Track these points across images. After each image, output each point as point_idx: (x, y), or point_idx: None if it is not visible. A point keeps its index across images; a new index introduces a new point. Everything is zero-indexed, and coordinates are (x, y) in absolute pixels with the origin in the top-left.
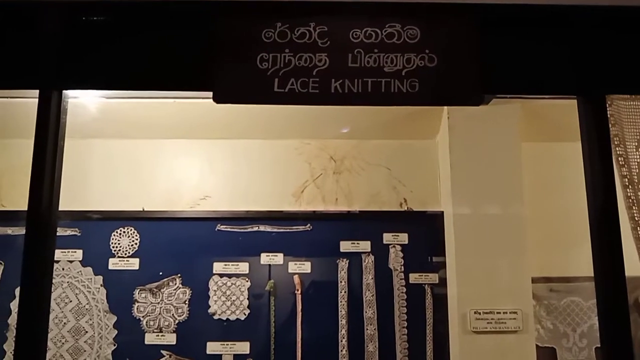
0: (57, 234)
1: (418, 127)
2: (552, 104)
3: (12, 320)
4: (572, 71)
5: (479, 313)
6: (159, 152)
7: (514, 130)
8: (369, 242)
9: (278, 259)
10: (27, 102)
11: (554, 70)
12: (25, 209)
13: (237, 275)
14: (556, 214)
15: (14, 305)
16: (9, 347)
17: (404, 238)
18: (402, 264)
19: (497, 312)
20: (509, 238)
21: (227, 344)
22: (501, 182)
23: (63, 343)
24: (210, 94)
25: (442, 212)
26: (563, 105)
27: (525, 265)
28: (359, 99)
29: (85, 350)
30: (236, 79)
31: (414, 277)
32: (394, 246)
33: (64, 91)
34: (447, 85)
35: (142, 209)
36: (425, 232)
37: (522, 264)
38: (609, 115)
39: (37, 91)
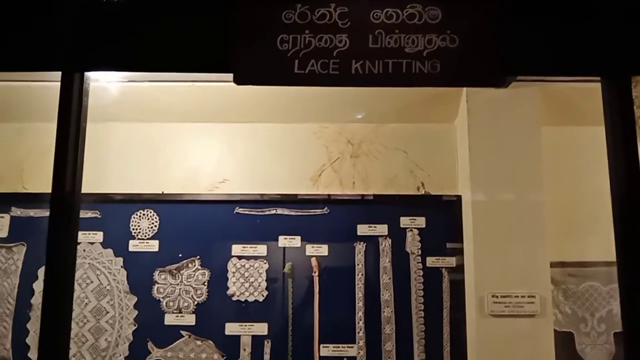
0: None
1: (436, 111)
2: (572, 88)
3: (35, 300)
4: (597, 51)
5: (497, 297)
6: (178, 136)
7: (533, 114)
8: (386, 226)
9: (295, 241)
10: (48, 85)
11: (578, 50)
12: (47, 191)
13: (255, 258)
14: (576, 199)
15: (37, 286)
16: (32, 326)
17: (421, 222)
18: (419, 247)
19: (515, 296)
20: (527, 222)
21: (246, 325)
22: (520, 166)
23: (85, 323)
24: (231, 76)
25: (460, 196)
26: (583, 89)
27: (544, 250)
28: (380, 80)
29: (106, 330)
30: (256, 61)
31: (431, 261)
32: (411, 230)
33: (86, 73)
34: (468, 66)
35: (161, 192)
36: (443, 216)
37: (541, 248)
38: (634, 97)
39: (58, 74)
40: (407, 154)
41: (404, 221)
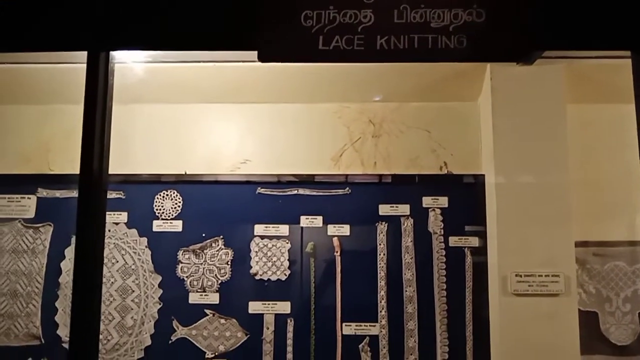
0: None
1: (459, 89)
2: (599, 64)
3: (63, 279)
4: (626, 24)
5: (520, 276)
6: (200, 117)
7: (558, 91)
8: (408, 206)
9: (317, 221)
10: (72, 67)
11: (607, 23)
12: (72, 172)
13: (278, 238)
14: (601, 178)
15: (64, 265)
16: (60, 304)
17: (443, 201)
18: (441, 227)
19: (539, 275)
20: (551, 201)
21: (269, 304)
22: (544, 144)
23: (111, 301)
24: (253, 55)
25: (483, 175)
26: (610, 66)
27: (568, 229)
28: (405, 55)
29: (132, 309)
30: (280, 38)
31: (453, 240)
32: (434, 210)
33: (111, 53)
34: (495, 40)
35: (184, 173)
36: (466, 195)
37: (565, 227)
38: None
39: (83, 56)
40: (430, 133)
41: (426, 201)
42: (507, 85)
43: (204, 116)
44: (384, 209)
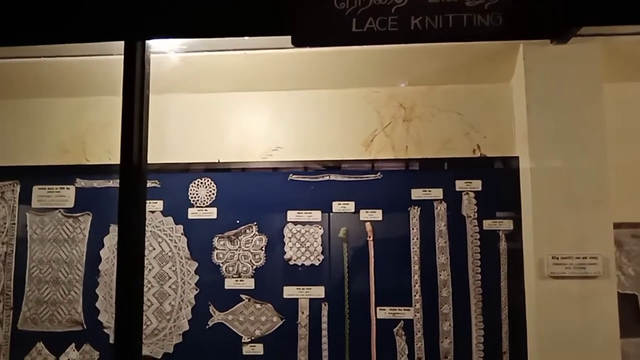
0: None
1: (491, 71)
2: (637, 40)
3: (102, 266)
4: None
5: (557, 258)
6: (232, 105)
7: (594, 70)
8: (441, 190)
9: (350, 207)
10: (106, 60)
11: None
12: (109, 163)
13: (310, 223)
14: None
15: (103, 253)
16: (101, 291)
17: (477, 185)
18: (475, 210)
19: (576, 258)
20: (588, 183)
21: (303, 289)
22: (581, 125)
23: (149, 288)
24: (285, 41)
25: (517, 157)
26: None
27: (606, 211)
28: (440, 35)
29: (170, 295)
30: (314, 21)
31: (487, 224)
32: (467, 193)
33: (147, 42)
34: (531, 18)
35: (217, 161)
36: (500, 178)
37: (603, 209)
38: None
39: (116, 48)
40: (462, 116)
41: (460, 184)
42: (540, 65)
43: (235, 104)
44: (417, 194)
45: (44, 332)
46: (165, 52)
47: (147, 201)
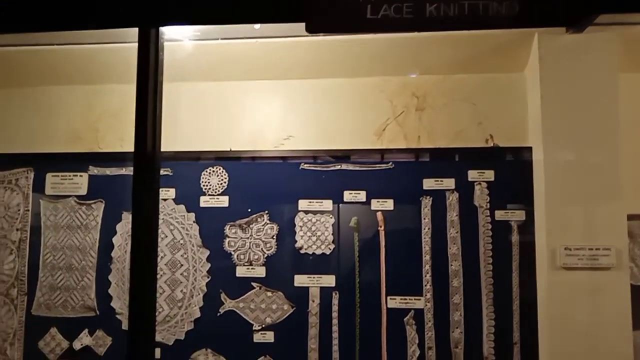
0: None
1: (505, 60)
2: None
3: (115, 253)
4: None
5: (570, 249)
6: (243, 94)
7: (610, 60)
8: (453, 180)
9: (361, 196)
10: (118, 47)
11: None
12: (121, 151)
13: (322, 212)
14: None
15: (116, 240)
16: (113, 278)
17: (489, 175)
18: (487, 201)
19: (589, 249)
20: (602, 174)
21: (314, 277)
22: (596, 115)
23: (161, 275)
24: (297, 28)
25: (531, 147)
26: None
27: (620, 202)
28: (455, 22)
29: (181, 282)
30: (328, 8)
31: (499, 214)
32: (479, 183)
33: (161, 29)
34: (548, 6)
35: (229, 149)
36: (512, 168)
37: (617, 200)
38: None
39: (128, 35)
40: (475, 106)
41: (472, 174)
42: (555, 54)
43: (247, 93)
44: (429, 183)
45: (58, 318)
46: (178, 40)
47: (160, 189)
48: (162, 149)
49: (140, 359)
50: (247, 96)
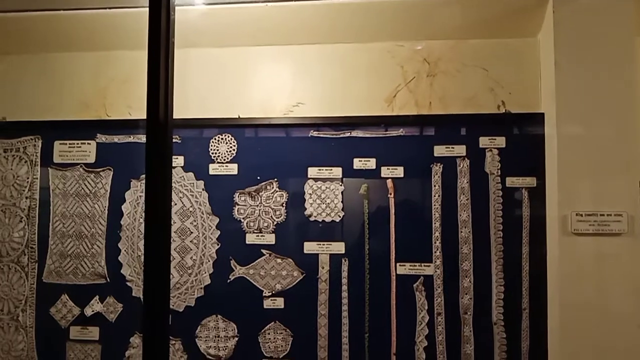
0: None
1: (518, 25)
2: None
3: (124, 221)
4: None
5: (581, 215)
6: (252, 60)
7: (627, 24)
8: (464, 146)
9: (371, 164)
10: (126, 12)
11: None
12: (129, 118)
13: (331, 180)
14: None
15: (125, 208)
16: (123, 245)
17: (501, 141)
18: (498, 167)
19: (601, 215)
20: (616, 140)
21: (323, 244)
22: (611, 81)
23: (171, 243)
24: None
25: (543, 114)
26: None
27: (633, 168)
28: None
29: (191, 249)
30: None
31: (510, 181)
32: (491, 150)
33: None
34: None
35: (238, 117)
36: (524, 135)
37: (630, 166)
38: None
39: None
40: (487, 72)
41: (483, 141)
42: (570, 18)
43: (256, 59)
44: (439, 150)
45: (69, 285)
46: (188, 5)
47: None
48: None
49: (156, 327)
50: (256, 62)
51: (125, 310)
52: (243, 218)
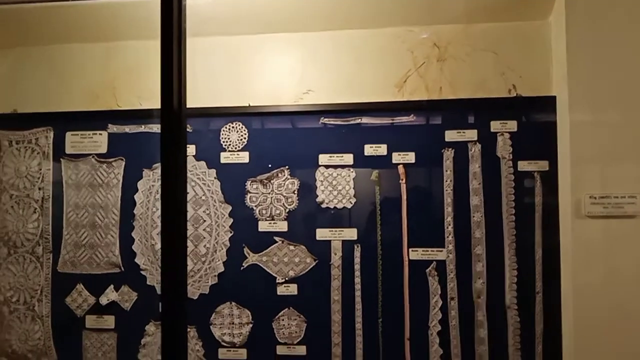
0: None
1: (529, 8)
2: None
3: (137, 210)
4: None
5: (595, 198)
6: (260, 48)
7: None
8: (475, 131)
9: (382, 150)
10: (133, 2)
11: None
12: (139, 108)
13: (342, 167)
14: None
15: (138, 197)
16: (136, 234)
17: (512, 125)
18: (510, 151)
19: (614, 197)
20: (630, 123)
21: (336, 231)
22: (624, 63)
23: (187, 230)
24: None
25: (555, 97)
26: None
27: None
28: None
29: (204, 237)
30: None
31: (522, 165)
32: (502, 134)
33: None
34: None
35: (248, 105)
36: (536, 118)
37: None
38: None
39: None
40: (497, 55)
41: (495, 125)
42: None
43: (265, 47)
44: (451, 135)
45: (83, 274)
46: None
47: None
48: None
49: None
50: (266, 50)
51: (140, 298)
52: (255, 206)
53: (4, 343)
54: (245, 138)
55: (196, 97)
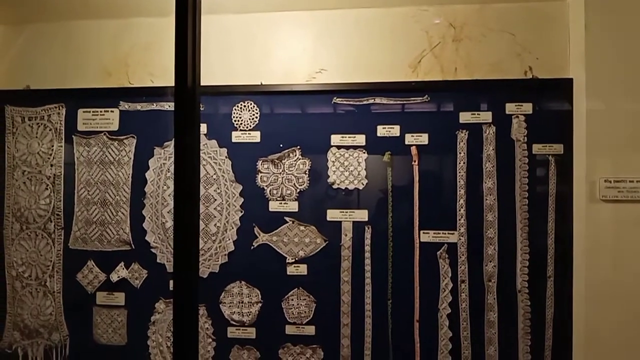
0: None
1: None
2: None
3: (148, 188)
4: None
5: (610, 181)
6: (274, 26)
7: None
8: (490, 113)
9: (395, 131)
10: None
11: None
12: (152, 85)
13: (354, 147)
14: None
15: (149, 175)
16: (147, 212)
17: (528, 108)
18: (525, 134)
19: (630, 181)
20: None
21: (347, 212)
22: None
23: (199, 208)
24: None
25: (571, 79)
26: None
27: None
28: None
29: (215, 216)
30: None
31: (537, 148)
32: (517, 116)
33: None
34: None
35: (260, 84)
36: (552, 101)
37: None
38: None
39: None
40: (514, 36)
41: (510, 107)
42: None
43: (278, 25)
44: (465, 117)
45: (94, 251)
46: None
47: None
48: None
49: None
50: (278, 28)
51: (150, 276)
52: (266, 186)
53: (17, 317)
54: (256, 117)
55: (208, 75)
